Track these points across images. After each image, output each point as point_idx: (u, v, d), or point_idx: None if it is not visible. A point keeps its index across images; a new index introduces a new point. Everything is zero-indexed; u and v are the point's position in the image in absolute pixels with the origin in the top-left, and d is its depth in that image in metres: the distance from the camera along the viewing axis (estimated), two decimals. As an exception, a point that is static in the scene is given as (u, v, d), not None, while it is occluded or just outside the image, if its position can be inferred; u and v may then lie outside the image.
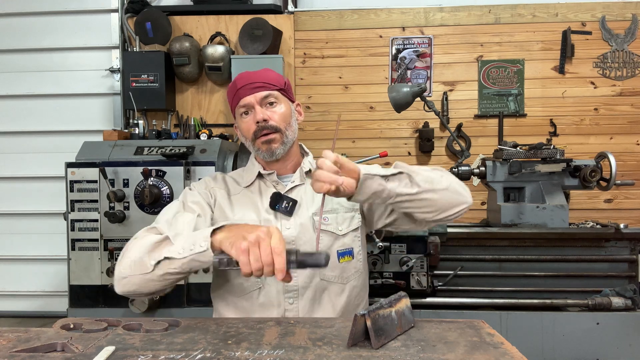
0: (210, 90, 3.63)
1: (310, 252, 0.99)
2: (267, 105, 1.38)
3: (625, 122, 3.50)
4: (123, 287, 1.15)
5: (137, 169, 2.60)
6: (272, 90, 1.38)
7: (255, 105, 1.37)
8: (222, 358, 0.80)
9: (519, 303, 2.38)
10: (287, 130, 1.39)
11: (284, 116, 1.39)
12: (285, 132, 1.38)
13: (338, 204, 1.41)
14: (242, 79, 1.39)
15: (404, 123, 3.59)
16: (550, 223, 2.49)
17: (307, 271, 1.31)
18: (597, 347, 2.31)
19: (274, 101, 1.39)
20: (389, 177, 1.17)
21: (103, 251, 2.64)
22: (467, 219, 3.48)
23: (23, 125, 3.78)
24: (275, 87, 1.39)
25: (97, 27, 3.72)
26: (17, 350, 0.82)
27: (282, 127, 1.37)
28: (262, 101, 1.37)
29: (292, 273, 1.22)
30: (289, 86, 1.47)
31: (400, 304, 0.95)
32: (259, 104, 1.37)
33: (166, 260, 1.11)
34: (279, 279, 0.96)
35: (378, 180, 1.16)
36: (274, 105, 1.39)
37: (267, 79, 1.39)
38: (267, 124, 1.35)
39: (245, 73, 1.42)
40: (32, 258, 3.78)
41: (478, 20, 3.55)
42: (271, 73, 1.43)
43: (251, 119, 1.37)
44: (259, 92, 1.37)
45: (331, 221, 1.39)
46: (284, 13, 3.60)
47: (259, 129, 1.35)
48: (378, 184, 1.16)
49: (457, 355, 0.82)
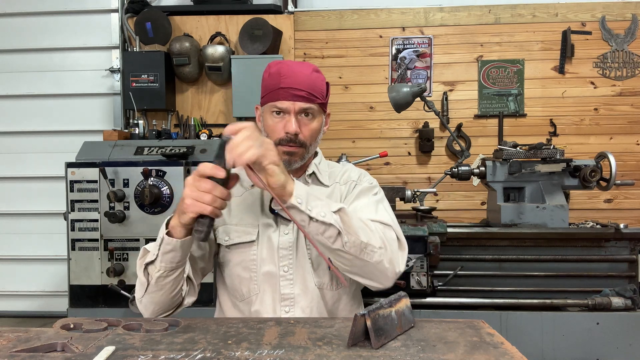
0: (210, 90, 3.63)
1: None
2: (302, 115, 1.28)
3: (625, 122, 3.50)
4: (145, 309, 1.21)
5: (137, 169, 2.60)
6: (314, 104, 1.28)
7: (291, 114, 1.26)
8: (222, 358, 0.80)
9: (519, 303, 2.38)
10: (312, 145, 1.32)
11: (315, 132, 1.31)
12: (309, 148, 1.31)
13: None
14: (287, 77, 1.26)
15: (404, 123, 3.59)
16: (550, 223, 2.49)
17: (302, 279, 1.27)
18: (597, 347, 2.31)
19: (311, 115, 1.29)
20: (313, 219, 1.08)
21: (103, 251, 2.64)
22: (467, 219, 3.48)
23: (23, 125, 3.78)
24: (318, 101, 1.29)
25: (97, 27, 3.73)
26: (17, 350, 0.82)
27: (308, 143, 1.29)
28: (300, 110, 1.27)
29: (290, 284, 1.26)
30: (329, 95, 1.36)
31: (400, 304, 0.95)
32: (295, 113, 1.27)
33: (149, 266, 1.14)
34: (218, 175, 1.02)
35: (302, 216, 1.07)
36: (309, 119, 1.29)
37: (314, 89, 1.28)
38: (296, 138, 1.27)
39: (291, 68, 1.28)
40: (32, 258, 3.78)
41: (478, 20, 3.55)
42: (319, 80, 1.31)
43: (281, 125, 1.27)
44: (301, 102, 1.26)
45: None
46: (284, 13, 3.60)
47: (286, 139, 1.27)
48: (300, 218, 1.08)
49: (457, 355, 0.82)
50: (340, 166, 1.46)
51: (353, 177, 1.40)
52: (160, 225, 1.15)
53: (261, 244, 1.29)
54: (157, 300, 1.18)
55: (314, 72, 1.31)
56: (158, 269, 1.12)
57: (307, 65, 1.33)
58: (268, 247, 1.29)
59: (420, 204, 2.69)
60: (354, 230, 1.11)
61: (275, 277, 1.27)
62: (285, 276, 1.27)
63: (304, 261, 1.29)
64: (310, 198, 1.09)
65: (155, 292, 1.16)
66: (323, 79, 1.33)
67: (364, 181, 1.39)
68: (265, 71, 1.33)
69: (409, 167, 3.62)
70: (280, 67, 1.29)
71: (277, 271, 1.27)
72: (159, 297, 1.17)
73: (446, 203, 3.57)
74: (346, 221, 1.11)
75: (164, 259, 1.11)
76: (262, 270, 1.27)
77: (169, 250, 1.10)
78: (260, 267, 1.28)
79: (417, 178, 3.60)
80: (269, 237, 1.29)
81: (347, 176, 1.40)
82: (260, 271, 1.28)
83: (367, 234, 1.13)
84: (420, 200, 2.70)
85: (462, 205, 3.57)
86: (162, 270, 1.12)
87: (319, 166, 1.39)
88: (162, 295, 1.17)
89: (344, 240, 1.10)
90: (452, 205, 3.57)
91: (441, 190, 3.50)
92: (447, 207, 3.55)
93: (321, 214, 1.08)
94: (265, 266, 1.27)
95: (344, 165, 1.49)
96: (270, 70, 1.31)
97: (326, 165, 1.43)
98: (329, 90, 1.35)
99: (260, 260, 1.28)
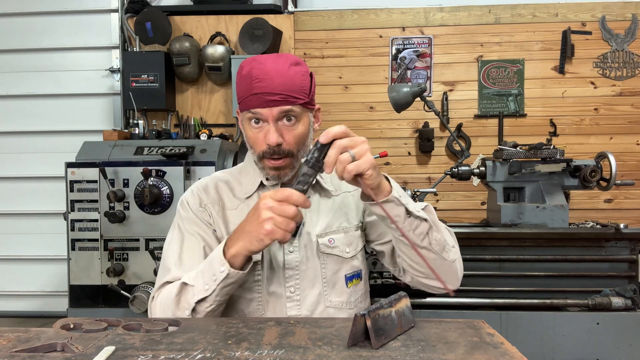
0: (210, 90, 3.63)
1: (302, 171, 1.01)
2: (284, 121, 1.12)
3: (625, 122, 3.50)
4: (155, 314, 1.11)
5: (137, 169, 2.60)
6: (294, 105, 1.11)
7: (270, 121, 1.11)
8: (222, 358, 0.80)
9: (519, 303, 2.38)
10: (300, 151, 1.16)
11: (301, 137, 1.15)
12: (297, 155, 1.16)
13: (347, 221, 1.25)
14: (258, 80, 1.09)
15: (404, 123, 3.59)
16: (550, 223, 2.49)
17: (310, 300, 1.19)
18: (597, 347, 2.30)
19: (293, 118, 1.13)
20: (411, 214, 1.04)
21: (103, 251, 2.64)
22: (467, 219, 3.48)
23: (23, 125, 3.78)
24: (299, 101, 1.11)
25: (97, 27, 3.73)
26: (17, 350, 0.82)
27: (295, 151, 1.14)
28: (279, 115, 1.11)
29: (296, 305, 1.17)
30: (314, 88, 1.17)
31: (400, 304, 0.95)
32: (274, 119, 1.11)
33: (199, 304, 1.05)
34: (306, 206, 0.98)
35: (399, 210, 1.03)
36: (292, 123, 1.13)
37: (292, 89, 1.10)
38: (280, 149, 1.12)
39: (264, 68, 1.10)
40: (32, 258, 3.78)
41: (478, 20, 3.55)
42: (298, 75, 1.12)
43: (262, 135, 1.13)
44: (278, 107, 1.10)
45: (337, 243, 1.22)
46: (284, 13, 3.60)
47: (269, 151, 1.13)
48: (396, 214, 1.02)
49: (457, 355, 0.82)
50: None
51: None
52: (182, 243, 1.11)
53: (265, 262, 1.19)
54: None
55: (291, 67, 1.12)
56: (210, 304, 1.03)
57: (284, 59, 1.14)
58: (273, 266, 1.19)
59: (420, 204, 2.68)
60: (439, 227, 1.10)
61: (281, 298, 1.18)
62: (292, 297, 1.18)
63: (315, 281, 1.20)
64: (402, 194, 1.05)
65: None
66: (304, 72, 1.14)
67: None
68: (238, 72, 1.15)
69: (409, 167, 3.62)
70: (252, 68, 1.11)
71: (283, 292, 1.18)
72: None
73: (446, 203, 3.57)
74: (431, 218, 1.08)
75: (221, 293, 1.02)
76: (267, 291, 1.18)
77: (231, 283, 1.01)
78: (264, 288, 1.18)
79: (417, 178, 3.60)
80: (273, 255, 1.19)
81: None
82: (264, 292, 1.18)
83: (445, 232, 1.12)
84: (421, 200, 2.70)
85: (462, 205, 3.57)
86: (216, 305, 1.04)
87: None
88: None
89: (432, 237, 1.07)
90: (452, 205, 3.57)
91: (441, 190, 3.50)
92: (447, 207, 3.55)
93: (417, 209, 1.05)
94: (270, 287, 1.18)
95: None
96: (241, 72, 1.14)
97: None
98: (313, 83, 1.16)
99: (265, 281, 1.18)
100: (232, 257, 1.01)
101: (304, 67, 1.15)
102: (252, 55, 1.38)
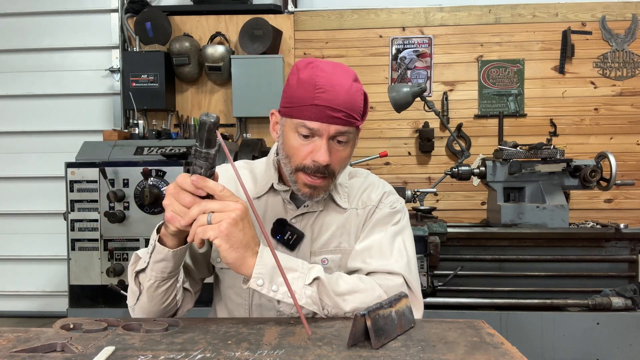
0: (210, 90, 3.63)
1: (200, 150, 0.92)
2: (334, 141, 1.05)
3: (625, 122, 3.50)
4: (136, 315, 1.11)
5: (137, 169, 2.60)
6: (351, 127, 1.05)
7: (324, 138, 1.03)
8: (222, 358, 0.80)
9: (519, 303, 2.38)
10: (339, 172, 1.11)
11: (345, 160, 1.10)
12: (336, 176, 1.11)
13: (347, 242, 1.17)
14: (323, 91, 1.01)
15: (404, 123, 3.59)
16: (550, 223, 2.49)
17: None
18: (597, 347, 2.31)
19: (345, 141, 1.07)
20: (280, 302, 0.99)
21: (103, 251, 2.64)
22: (467, 219, 3.48)
23: (23, 125, 3.78)
24: (358, 123, 1.06)
25: (97, 27, 3.73)
26: (17, 351, 0.82)
27: (336, 172, 1.09)
28: (335, 134, 1.04)
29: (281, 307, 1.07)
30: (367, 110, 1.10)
31: (400, 304, 0.94)
32: (328, 138, 1.04)
33: (140, 274, 1.05)
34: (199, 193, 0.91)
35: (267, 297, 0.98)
36: (343, 146, 1.07)
37: (353, 108, 1.03)
38: (326, 170, 1.06)
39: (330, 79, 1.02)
40: (32, 258, 3.78)
41: (478, 20, 3.55)
42: (358, 94, 1.05)
43: (308, 149, 1.05)
44: (338, 126, 1.03)
45: (331, 264, 1.16)
46: (284, 13, 3.60)
47: (312, 167, 1.05)
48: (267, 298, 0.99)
49: (457, 355, 0.82)
50: (361, 179, 1.25)
51: (374, 198, 1.20)
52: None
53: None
54: (148, 310, 1.09)
55: (354, 84, 1.04)
56: (149, 278, 1.03)
57: (347, 73, 1.06)
58: None
59: (420, 204, 2.69)
60: (335, 302, 1.01)
61: (271, 312, 1.14)
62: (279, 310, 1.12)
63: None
64: (275, 273, 0.95)
65: (146, 302, 1.07)
66: (362, 91, 1.06)
67: (386, 204, 1.20)
68: (293, 74, 1.06)
69: (409, 167, 3.62)
70: (315, 75, 1.02)
71: (269, 305, 1.14)
72: (151, 307, 1.08)
73: (446, 203, 3.56)
74: (323, 291, 0.99)
75: (154, 268, 1.02)
76: (255, 302, 1.16)
77: (160, 259, 1.00)
78: (252, 299, 1.16)
79: (417, 178, 3.60)
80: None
81: (367, 197, 1.21)
82: (252, 302, 1.16)
83: (354, 299, 1.02)
84: (421, 200, 2.70)
85: (462, 205, 3.57)
86: (153, 279, 1.03)
87: (337, 181, 1.16)
88: (154, 305, 1.07)
89: (324, 312, 1.01)
90: (452, 205, 3.57)
91: (441, 190, 3.50)
92: (447, 207, 3.55)
93: (287, 296, 0.95)
94: (257, 298, 1.15)
95: (366, 178, 1.26)
96: (300, 74, 1.04)
97: (346, 177, 1.23)
98: (367, 104, 1.09)
99: (253, 291, 1.12)
100: (163, 236, 1.00)
101: (361, 85, 1.08)
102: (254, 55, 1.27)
